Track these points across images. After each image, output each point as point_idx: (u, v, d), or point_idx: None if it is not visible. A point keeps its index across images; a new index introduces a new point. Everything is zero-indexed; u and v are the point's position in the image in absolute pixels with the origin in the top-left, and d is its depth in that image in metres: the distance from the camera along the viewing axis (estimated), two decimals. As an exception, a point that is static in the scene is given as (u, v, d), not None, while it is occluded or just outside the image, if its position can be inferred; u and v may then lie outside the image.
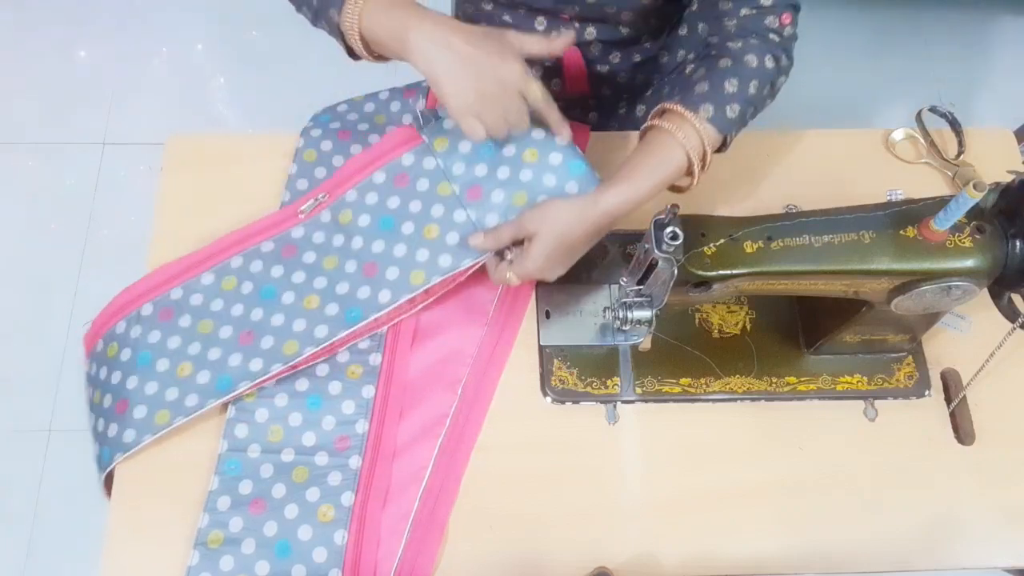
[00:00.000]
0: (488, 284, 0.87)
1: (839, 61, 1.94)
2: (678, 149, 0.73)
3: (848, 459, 0.83)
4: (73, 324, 1.62)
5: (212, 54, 1.94)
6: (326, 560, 0.75)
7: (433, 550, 0.77)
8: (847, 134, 1.01)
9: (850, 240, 0.70)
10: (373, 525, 0.77)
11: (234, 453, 0.78)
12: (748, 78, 0.76)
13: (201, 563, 0.74)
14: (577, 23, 0.92)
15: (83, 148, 1.80)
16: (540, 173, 0.81)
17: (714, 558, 0.79)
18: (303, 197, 0.88)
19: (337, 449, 0.79)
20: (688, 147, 0.73)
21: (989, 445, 0.84)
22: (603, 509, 0.80)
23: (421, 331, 0.85)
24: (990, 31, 2.05)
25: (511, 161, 0.82)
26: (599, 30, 0.93)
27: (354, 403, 0.81)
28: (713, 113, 0.74)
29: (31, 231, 1.72)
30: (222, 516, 0.76)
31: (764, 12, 0.77)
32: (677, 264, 0.68)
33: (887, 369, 0.87)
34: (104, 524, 0.77)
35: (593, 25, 0.93)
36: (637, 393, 0.84)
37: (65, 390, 1.57)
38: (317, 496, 0.77)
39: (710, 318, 0.89)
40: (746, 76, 0.76)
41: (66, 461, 1.53)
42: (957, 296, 0.70)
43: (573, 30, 0.93)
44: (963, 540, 0.81)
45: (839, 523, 0.81)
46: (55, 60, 1.90)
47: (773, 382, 0.86)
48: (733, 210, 0.75)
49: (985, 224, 0.68)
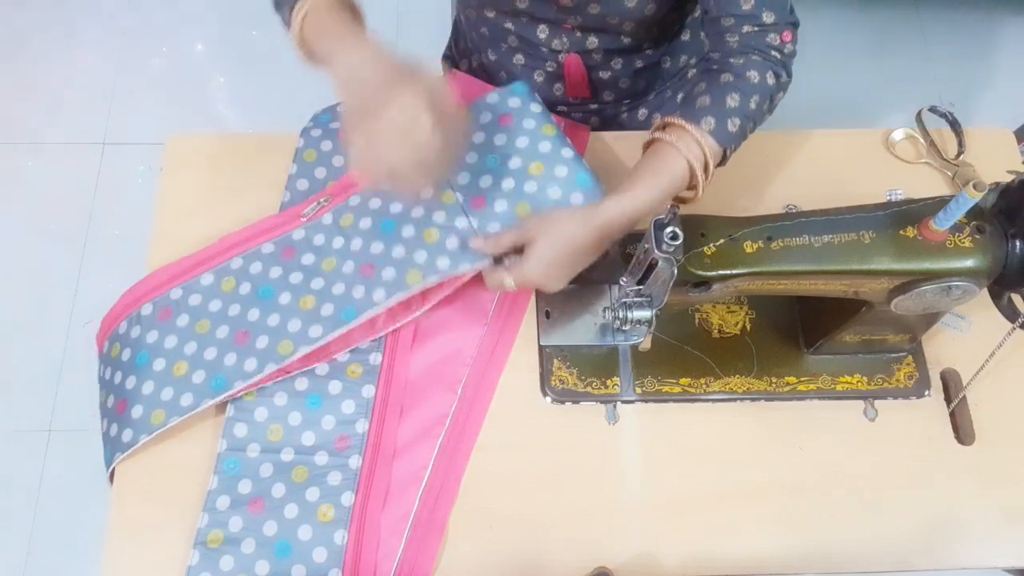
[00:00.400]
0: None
1: (839, 61, 1.94)
2: (680, 160, 0.74)
3: (848, 459, 0.83)
4: (73, 324, 1.62)
5: (212, 54, 1.94)
6: (326, 560, 0.75)
7: (433, 550, 0.77)
8: (847, 134, 1.01)
9: (850, 240, 0.70)
10: (373, 525, 0.77)
11: (233, 452, 0.78)
12: (750, 93, 0.76)
13: (201, 563, 0.74)
14: (579, 32, 0.93)
15: (83, 148, 1.80)
16: (545, 185, 0.81)
17: (714, 558, 0.79)
18: (306, 200, 0.88)
19: (337, 449, 0.79)
20: (690, 157, 0.73)
21: (989, 445, 0.84)
22: (603, 509, 0.80)
23: (421, 331, 0.85)
24: (990, 31, 2.05)
25: (516, 173, 0.83)
26: (601, 39, 0.93)
27: (354, 403, 0.81)
28: (715, 126, 0.74)
29: (31, 231, 1.72)
30: (222, 516, 0.76)
31: (766, 30, 0.78)
32: (677, 264, 0.68)
33: (887, 369, 0.86)
34: (104, 524, 0.77)
35: (595, 34, 0.93)
36: (637, 393, 0.84)
37: (65, 390, 1.57)
38: (317, 496, 0.77)
39: (710, 318, 0.89)
40: (748, 91, 0.76)
41: (66, 461, 1.53)
42: (957, 296, 0.70)
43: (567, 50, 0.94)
44: (963, 540, 0.81)
45: (839, 523, 0.81)
46: (55, 60, 1.91)
47: (773, 382, 0.86)
48: (733, 210, 0.75)
49: (985, 224, 0.68)
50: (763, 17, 0.77)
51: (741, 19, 0.78)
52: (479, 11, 0.96)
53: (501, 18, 0.95)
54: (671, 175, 0.74)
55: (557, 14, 0.90)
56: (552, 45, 0.95)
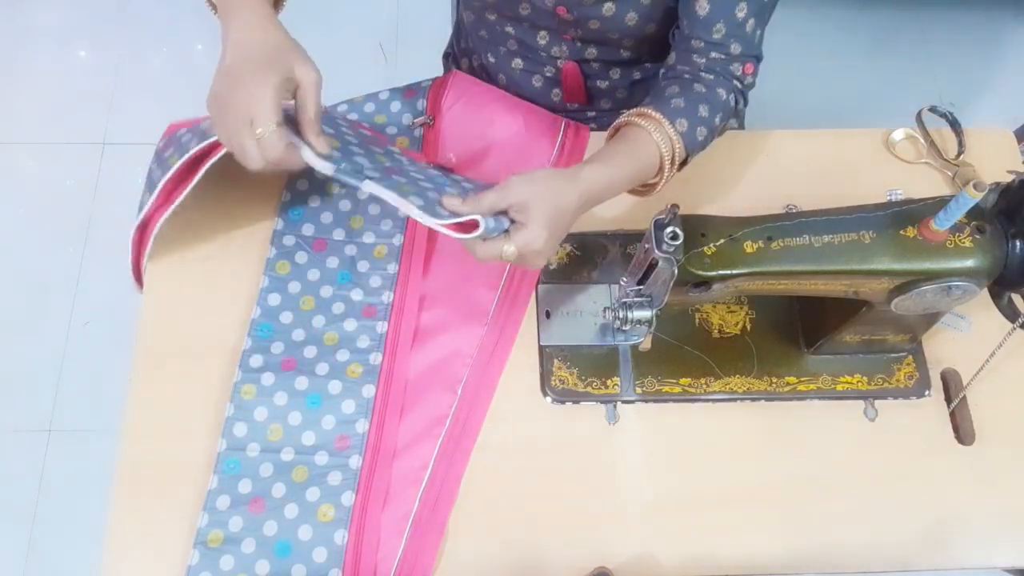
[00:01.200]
0: (488, 284, 0.87)
1: (839, 61, 1.94)
2: (653, 147, 0.75)
3: (848, 459, 0.83)
4: (73, 324, 1.62)
5: (212, 54, 1.93)
6: (326, 560, 0.75)
7: (433, 550, 0.77)
8: (847, 134, 1.01)
9: (850, 240, 0.70)
10: (373, 525, 0.77)
11: (233, 452, 0.78)
12: (718, 109, 0.79)
13: (201, 562, 0.74)
14: (579, 43, 0.93)
15: (83, 148, 1.80)
16: None
17: (714, 558, 0.79)
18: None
19: (337, 449, 0.79)
20: (663, 149, 0.75)
21: (989, 445, 0.84)
22: (603, 509, 0.80)
23: (421, 331, 0.85)
24: (990, 31, 2.05)
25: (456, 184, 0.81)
26: (600, 50, 0.94)
27: (354, 402, 0.81)
28: (687, 128, 0.76)
29: (31, 231, 1.72)
30: (222, 515, 0.76)
31: (731, 59, 0.80)
32: (677, 264, 0.68)
33: (887, 369, 0.86)
34: (104, 524, 0.77)
35: (595, 46, 0.93)
36: (637, 393, 0.84)
37: (65, 390, 1.57)
38: (317, 496, 0.77)
39: (710, 318, 0.89)
40: (717, 107, 0.79)
41: (66, 461, 1.53)
42: (957, 296, 0.70)
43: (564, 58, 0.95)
44: (963, 540, 0.81)
45: (839, 523, 0.81)
46: (55, 60, 1.90)
47: (773, 382, 0.86)
48: (733, 210, 0.75)
49: (985, 224, 0.68)
50: (730, 47, 0.79)
51: (710, 45, 0.80)
52: (480, 13, 0.96)
53: (502, 22, 0.95)
54: (645, 159, 0.75)
55: (558, 25, 0.90)
56: (551, 51, 0.95)
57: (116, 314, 1.40)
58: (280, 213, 0.90)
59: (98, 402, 1.37)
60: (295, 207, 0.91)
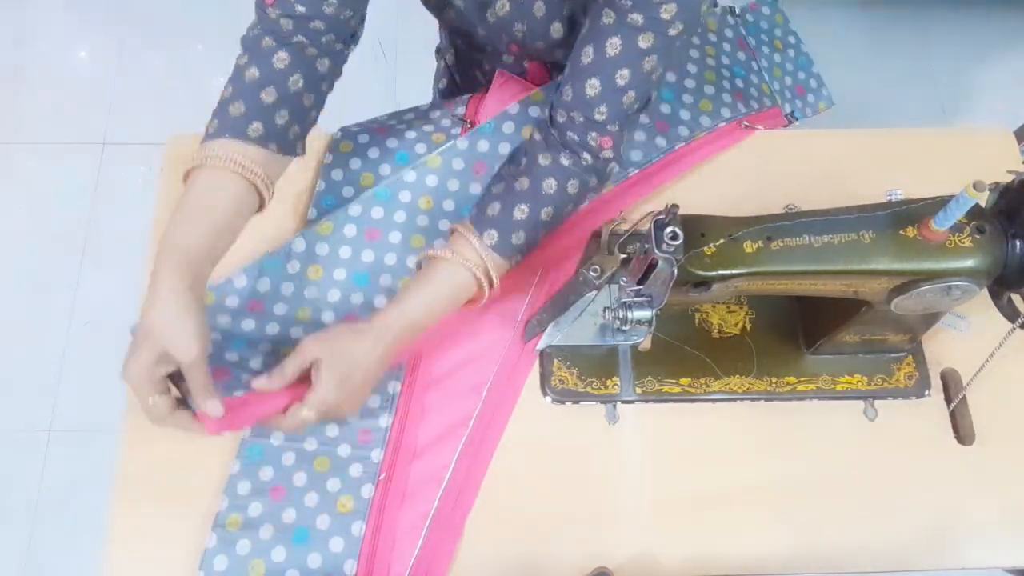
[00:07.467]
0: (519, 288, 0.87)
1: (839, 61, 1.94)
2: (461, 271, 0.75)
3: (848, 459, 0.83)
4: (73, 324, 1.62)
5: (212, 54, 1.94)
6: (342, 550, 0.75)
7: (450, 551, 0.77)
8: (847, 134, 1.01)
9: (850, 240, 0.70)
10: (391, 519, 0.77)
11: (257, 439, 0.79)
12: (541, 205, 0.77)
13: (218, 545, 0.75)
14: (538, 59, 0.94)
15: (83, 148, 1.80)
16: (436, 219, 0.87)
17: (714, 558, 0.79)
18: None
19: (360, 442, 0.80)
20: (474, 270, 0.75)
21: (989, 445, 0.84)
22: (603, 509, 0.80)
23: (449, 332, 0.85)
24: (990, 31, 2.05)
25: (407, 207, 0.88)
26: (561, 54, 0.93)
27: (379, 397, 0.82)
28: (497, 240, 0.76)
29: (31, 231, 1.72)
30: (242, 500, 0.77)
31: (591, 125, 0.76)
32: (677, 264, 0.68)
33: (887, 369, 0.86)
34: (104, 524, 0.77)
35: (529, 61, 0.95)
36: (637, 393, 0.84)
37: (65, 390, 1.57)
38: (338, 487, 0.78)
39: (710, 318, 0.89)
40: (540, 203, 0.77)
41: (66, 461, 1.53)
42: (957, 296, 0.70)
43: None
44: (963, 540, 0.81)
45: (839, 523, 0.81)
46: (55, 60, 1.91)
47: (773, 382, 0.86)
48: (733, 210, 0.74)
49: (985, 224, 0.68)
50: (596, 111, 0.75)
51: (579, 101, 0.76)
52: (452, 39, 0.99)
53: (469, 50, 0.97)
54: (454, 285, 0.76)
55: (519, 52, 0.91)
56: (523, 64, 0.96)
57: (116, 314, 1.40)
58: None
59: (98, 402, 1.37)
60: None
